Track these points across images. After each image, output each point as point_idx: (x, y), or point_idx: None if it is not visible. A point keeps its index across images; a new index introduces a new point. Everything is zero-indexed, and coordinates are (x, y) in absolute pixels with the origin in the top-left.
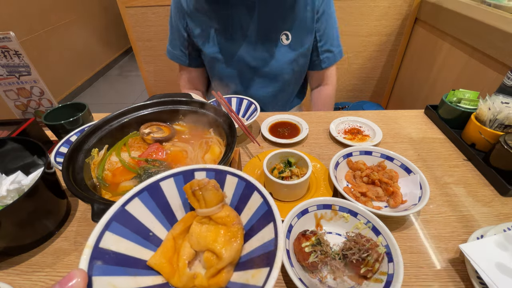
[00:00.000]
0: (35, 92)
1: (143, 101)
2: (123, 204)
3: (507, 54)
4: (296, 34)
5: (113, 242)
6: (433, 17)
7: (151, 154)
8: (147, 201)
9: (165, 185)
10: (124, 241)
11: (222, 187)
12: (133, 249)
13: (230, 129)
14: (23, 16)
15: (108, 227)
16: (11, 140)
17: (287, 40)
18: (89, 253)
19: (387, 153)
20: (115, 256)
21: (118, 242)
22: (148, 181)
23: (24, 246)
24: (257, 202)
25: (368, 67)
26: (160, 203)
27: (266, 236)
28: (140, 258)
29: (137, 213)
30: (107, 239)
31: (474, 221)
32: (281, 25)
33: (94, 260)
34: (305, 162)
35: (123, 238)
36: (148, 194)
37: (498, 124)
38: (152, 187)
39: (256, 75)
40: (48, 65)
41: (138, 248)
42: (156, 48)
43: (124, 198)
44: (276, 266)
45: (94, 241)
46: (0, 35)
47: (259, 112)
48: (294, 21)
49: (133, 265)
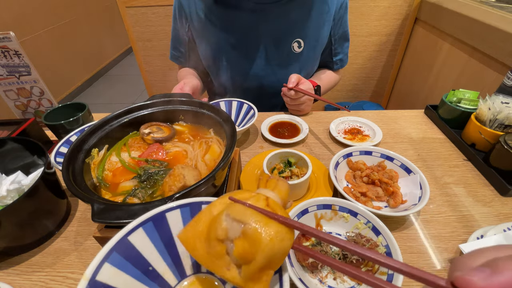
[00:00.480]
0: (35, 92)
1: (143, 101)
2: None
3: (507, 54)
4: (309, 42)
5: (111, 275)
6: (433, 17)
7: (151, 154)
8: (151, 232)
9: (171, 217)
10: (122, 275)
11: None
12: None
13: (230, 129)
14: (23, 16)
15: (108, 258)
16: (11, 140)
17: (299, 48)
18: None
19: (387, 153)
20: None
21: (116, 275)
22: (154, 211)
23: (24, 246)
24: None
25: (368, 67)
26: (163, 235)
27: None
28: None
29: (139, 244)
30: (105, 272)
31: (474, 221)
32: (293, 32)
33: None
34: (305, 162)
35: (122, 271)
36: (153, 225)
37: (498, 124)
38: (158, 218)
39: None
40: (48, 65)
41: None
42: (156, 48)
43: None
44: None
45: (91, 273)
46: (0, 35)
47: (256, 117)
48: (307, 27)
49: None
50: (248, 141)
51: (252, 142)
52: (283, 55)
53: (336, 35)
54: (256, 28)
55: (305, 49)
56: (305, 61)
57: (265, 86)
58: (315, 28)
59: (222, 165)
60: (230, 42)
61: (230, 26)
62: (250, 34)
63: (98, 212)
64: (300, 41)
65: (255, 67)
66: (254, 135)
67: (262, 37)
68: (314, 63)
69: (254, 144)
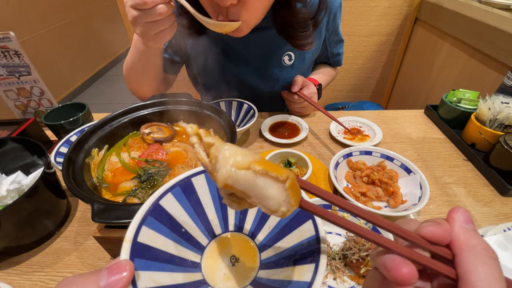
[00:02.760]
0: (35, 92)
1: (143, 101)
2: (157, 198)
3: (507, 54)
4: (299, 54)
5: (150, 237)
6: (433, 17)
7: (151, 155)
8: (179, 196)
9: (196, 181)
10: (160, 237)
11: None
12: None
13: (230, 129)
14: (23, 16)
15: (144, 221)
16: (11, 140)
17: (289, 60)
18: (129, 247)
19: (387, 153)
20: (153, 251)
21: (154, 237)
22: (181, 176)
23: (24, 246)
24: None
25: (368, 67)
26: (191, 199)
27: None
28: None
29: (170, 208)
30: (144, 234)
31: (474, 221)
32: (283, 46)
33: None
34: (305, 162)
35: (159, 233)
36: (180, 190)
37: (498, 124)
38: (184, 182)
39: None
40: (48, 65)
41: (172, 244)
42: None
43: (158, 192)
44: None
45: (132, 235)
46: (0, 35)
47: (256, 117)
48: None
49: (169, 261)
50: (248, 141)
51: (252, 142)
52: (274, 68)
53: (332, 42)
54: (245, 49)
55: (296, 61)
56: (297, 71)
57: (259, 94)
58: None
59: None
60: (220, 61)
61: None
62: (239, 55)
63: (98, 212)
64: (290, 54)
65: (248, 78)
66: (254, 135)
67: (251, 55)
68: (307, 71)
69: (254, 144)
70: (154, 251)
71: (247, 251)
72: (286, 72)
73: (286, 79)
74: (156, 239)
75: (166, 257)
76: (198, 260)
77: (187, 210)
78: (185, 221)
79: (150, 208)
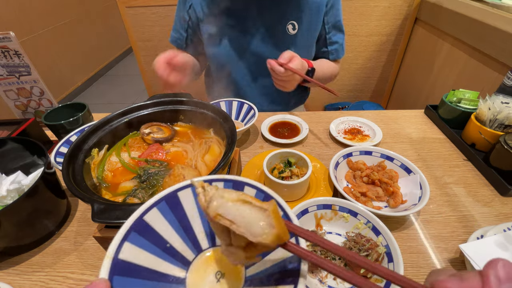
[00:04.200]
0: (35, 92)
1: (143, 101)
2: (142, 214)
3: (507, 54)
4: (303, 24)
5: (132, 253)
6: (433, 17)
7: (151, 155)
8: (164, 211)
9: (183, 195)
10: (143, 252)
11: None
12: (152, 261)
13: (230, 129)
14: (23, 16)
15: (127, 237)
16: (11, 140)
17: (293, 30)
18: (109, 265)
19: (387, 153)
20: (134, 268)
21: (137, 253)
22: (166, 191)
23: (24, 246)
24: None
25: (368, 67)
26: (177, 213)
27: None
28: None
29: (155, 223)
30: (126, 250)
31: (474, 221)
32: (287, 14)
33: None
34: (305, 162)
35: (142, 249)
36: (166, 204)
37: (498, 124)
38: (170, 197)
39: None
40: (48, 65)
41: (156, 260)
42: (156, 48)
43: (142, 208)
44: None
45: (114, 251)
46: (0, 35)
47: (256, 117)
48: (301, 11)
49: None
50: (248, 141)
51: (252, 142)
52: (278, 36)
53: (330, 23)
54: (252, 11)
55: (299, 32)
56: (300, 44)
57: (262, 64)
58: (308, 12)
59: (222, 165)
60: (229, 23)
61: (228, 10)
62: (247, 16)
63: (98, 212)
64: (294, 23)
65: (252, 45)
66: (254, 135)
67: (258, 19)
68: (310, 50)
69: (254, 144)
70: (135, 267)
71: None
72: (290, 41)
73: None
74: (139, 255)
75: (148, 273)
76: (183, 276)
77: (173, 224)
78: (170, 236)
79: (133, 224)
